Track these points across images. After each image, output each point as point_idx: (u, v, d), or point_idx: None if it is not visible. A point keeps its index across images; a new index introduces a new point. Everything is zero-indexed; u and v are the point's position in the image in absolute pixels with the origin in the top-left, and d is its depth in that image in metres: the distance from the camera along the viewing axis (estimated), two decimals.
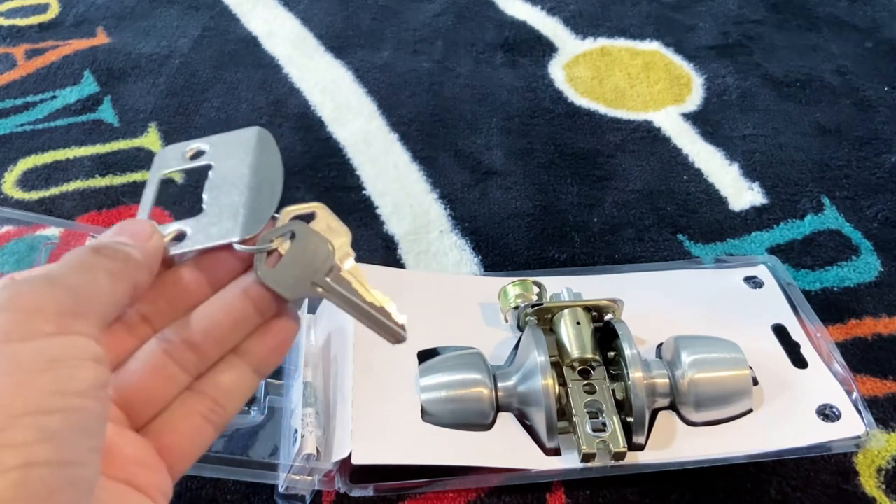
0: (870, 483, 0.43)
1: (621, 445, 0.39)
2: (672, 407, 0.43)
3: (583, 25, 0.79)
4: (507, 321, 0.47)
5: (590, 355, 0.42)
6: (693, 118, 0.68)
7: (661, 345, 0.45)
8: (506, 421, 0.42)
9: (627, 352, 0.41)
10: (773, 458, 0.42)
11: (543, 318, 0.44)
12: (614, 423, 0.40)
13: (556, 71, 0.73)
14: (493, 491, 0.42)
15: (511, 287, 0.47)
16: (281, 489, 0.39)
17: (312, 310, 0.47)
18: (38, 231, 0.54)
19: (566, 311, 0.44)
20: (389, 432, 0.41)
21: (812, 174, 0.63)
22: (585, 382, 0.41)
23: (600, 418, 0.40)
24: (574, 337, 0.43)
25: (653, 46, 0.77)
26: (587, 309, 0.44)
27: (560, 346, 0.43)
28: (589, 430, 0.39)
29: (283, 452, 0.41)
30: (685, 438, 0.42)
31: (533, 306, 0.44)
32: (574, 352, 0.42)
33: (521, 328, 0.45)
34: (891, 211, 0.59)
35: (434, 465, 0.40)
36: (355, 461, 0.39)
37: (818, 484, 0.42)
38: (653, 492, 0.42)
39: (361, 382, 0.42)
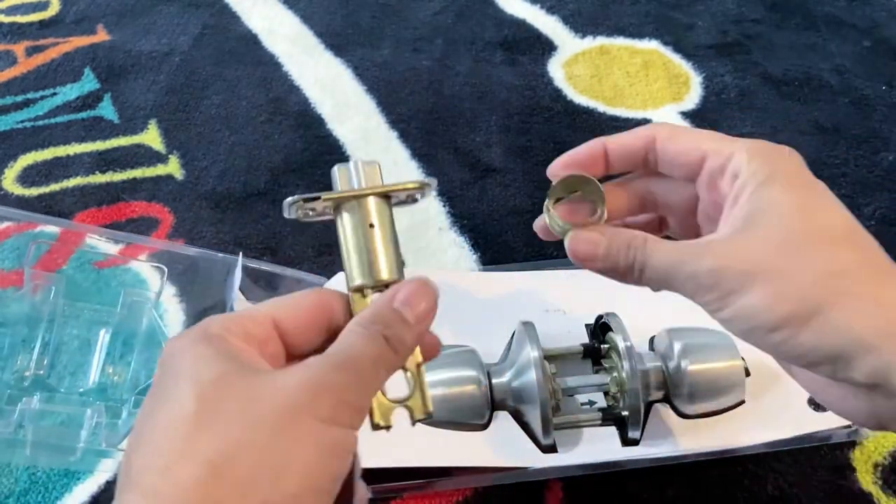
0: (866, 479, 0.43)
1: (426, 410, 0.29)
2: (666, 399, 0.43)
3: (582, 24, 0.80)
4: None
5: (386, 278, 0.28)
6: (691, 116, 0.68)
7: (653, 337, 0.45)
8: (501, 420, 0.42)
9: (621, 344, 0.41)
10: (768, 449, 0.42)
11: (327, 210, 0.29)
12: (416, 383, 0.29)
13: (556, 69, 0.74)
14: (492, 487, 0.42)
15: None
16: None
17: None
18: (38, 227, 0.54)
19: (351, 204, 0.29)
20: (387, 434, 0.40)
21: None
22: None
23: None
24: (362, 250, 0.29)
25: (651, 45, 0.77)
26: (386, 196, 0.30)
27: (343, 262, 0.29)
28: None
29: None
30: (680, 432, 0.42)
31: (305, 200, 0.28)
32: (357, 278, 0.28)
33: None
34: (888, 209, 0.60)
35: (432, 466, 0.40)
36: None
37: (815, 479, 0.43)
38: (650, 487, 0.42)
39: None
